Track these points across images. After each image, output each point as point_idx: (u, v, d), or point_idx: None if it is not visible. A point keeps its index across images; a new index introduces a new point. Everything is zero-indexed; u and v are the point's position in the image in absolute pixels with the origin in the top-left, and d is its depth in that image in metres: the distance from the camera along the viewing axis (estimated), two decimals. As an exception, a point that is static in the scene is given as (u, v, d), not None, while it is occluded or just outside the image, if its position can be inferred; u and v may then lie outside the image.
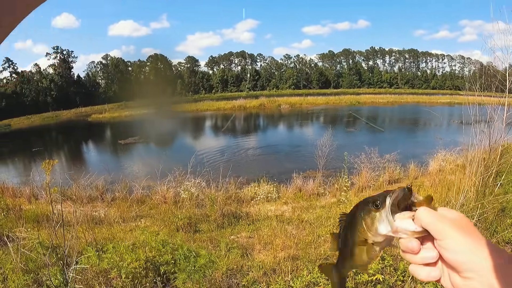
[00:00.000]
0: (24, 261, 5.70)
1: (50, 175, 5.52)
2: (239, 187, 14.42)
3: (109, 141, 42.93)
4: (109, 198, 14.45)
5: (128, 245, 5.96)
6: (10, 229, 8.78)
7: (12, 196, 15.60)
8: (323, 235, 8.03)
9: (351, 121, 47.11)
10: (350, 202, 10.49)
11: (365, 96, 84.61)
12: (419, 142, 29.75)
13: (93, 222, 10.13)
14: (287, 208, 12.40)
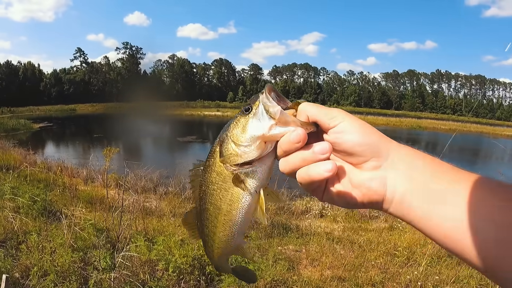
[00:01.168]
0: (74, 238, 5.75)
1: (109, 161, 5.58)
2: (292, 199, 14.19)
3: (168, 137, 43.74)
4: (162, 191, 14.66)
5: (177, 240, 5.91)
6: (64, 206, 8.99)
7: (69, 176, 16.30)
8: (372, 260, 7.72)
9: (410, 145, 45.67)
10: (403, 230, 10.05)
11: (427, 120, 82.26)
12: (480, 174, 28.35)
13: (144, 212, 10.23)
14: (337, 226, 12.11)
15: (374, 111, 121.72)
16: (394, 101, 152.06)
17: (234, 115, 0.90)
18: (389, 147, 0.78)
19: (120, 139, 41.47)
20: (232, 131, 0.85)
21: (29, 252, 5.61)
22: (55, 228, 6.75)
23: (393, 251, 8.18)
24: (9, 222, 7.03)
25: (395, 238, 9.36)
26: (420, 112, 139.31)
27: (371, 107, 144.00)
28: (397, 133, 59.56)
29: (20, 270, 5.22)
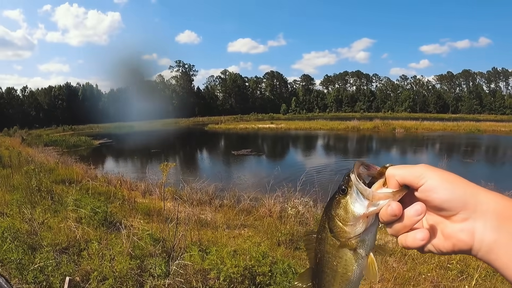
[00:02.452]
0: (132, 247, 6.05)
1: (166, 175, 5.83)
2: (345, 211, 14.08)
3: (223, 151, 44.44)
4: (217, 204, 15.02)
5: (230, 250, 6.07)
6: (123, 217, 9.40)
7: (128, 189, 17.15)
8: (424, 273, 7.58)
9: (469, 150, 44.33)
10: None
11: (486, 123, 78.48)
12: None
13: (199, 224, 10.48)
14: (391, 238, 11.86)
15: (430, 116, 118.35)
16: (451, 104, 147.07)
17: (333, 194, 0.99)
18: (476, 199, 0.83)
19: (177, 153, 42.56)
20: (337, 211, 0.95)
21: (90, 259, 6.00)
22: (115, 237, 7.12)
23: (446, 264, 8.00)
24: (72, 231, 7.49)
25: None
26: (478, 114, 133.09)
27: (427, 112, 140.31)
28: (455, 138, 57.63)
29: (81, 275, 5.59)
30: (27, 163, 19.19)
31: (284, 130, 70.82)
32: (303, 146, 51.58)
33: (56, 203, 11.26)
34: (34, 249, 6.35)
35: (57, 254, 6.24)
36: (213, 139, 59.17)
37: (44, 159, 25.48)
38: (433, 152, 43.25)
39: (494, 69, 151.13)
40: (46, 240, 6.79)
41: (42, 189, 12.18)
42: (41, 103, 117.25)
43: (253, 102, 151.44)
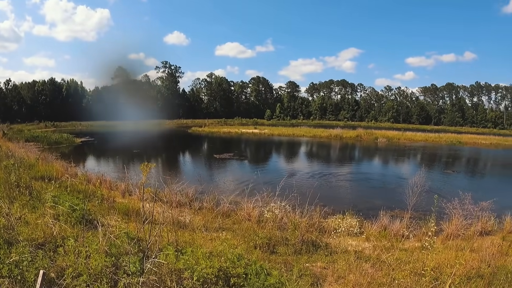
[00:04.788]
0: (108, 245, 6.10)
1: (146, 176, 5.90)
2: (324, 216, 14.20)
3: (205, 154, 44.35)
4: (197, 206, 15.15)
5: (205, 252, 6.16)
6: (101, 216, 9.43)
7: (108, 188, 17.23)
8: (398, 279, 7.73)
9: (450, 161, 45.01)
10: (434, 250, 9.96)
11: (467, 135, 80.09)
12: (521, 192, 27.59)
13: (177, 225, 10.55)
14: (368, 245, 12.10)
15: (412, 127, 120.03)
16: (433, 116, 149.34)
17: None
18: None
19: (159, 154, 42.40)
20: None
21: (66, 255, 6.04)
22: (92, 235, 7.16)
23: (420, 271, 8.15)
24: (49, 227, 7.53)
25: (424, 257, 9.32)
26: (460, 126, 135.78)
27: (410, 123, 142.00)
28: (437, 149, 58.45)
29: (56, 271, 5.63)
30: (7, 158, 19.02)
31: (267, 136, 71.11)
32: (285, 152, 51.84)
33: (34, 199, 11.25)
34: (10, 244, 6.37)
35: (33, 249, 6.27)
36: (196, 142, 59.05)
37: (25, 155, 25.24)
38: (415, 162, 43.78)
39: (478, 83, 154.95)
40: (23, 235, 6.82)
41: (21, 184, 12.15)
42: (24, 98, 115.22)
43: (238, 106, 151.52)
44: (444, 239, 13.38)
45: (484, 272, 8.65)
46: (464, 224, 14.13)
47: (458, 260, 8.28)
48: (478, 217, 14.73)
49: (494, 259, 9.69)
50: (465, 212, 14.44)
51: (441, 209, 13.98)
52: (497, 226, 15.04)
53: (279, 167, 35.65)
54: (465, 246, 11.71)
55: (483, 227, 14.59)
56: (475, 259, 9.84)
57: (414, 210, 14.80)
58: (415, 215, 15.07)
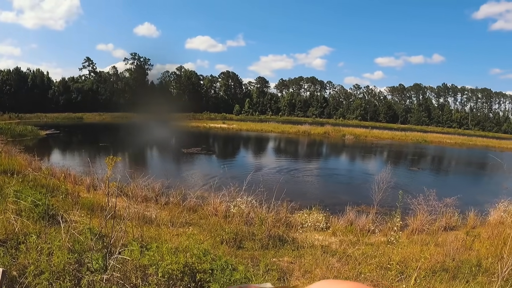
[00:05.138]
0: (72, 242, 5.99)
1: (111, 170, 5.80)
2: (290, 212, 14.29)
3: (173, 148, 43.98)
4: (163, 201, 14.96)
5: (171, 247, 6.11)
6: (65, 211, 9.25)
7: (73, 183, 16.79)
8: (365, 273, 7.85)
9: (415, 159, 45.97)
10: (399, 244, 10.18)
11: (432, 134, 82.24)
12: (483, 189, 28.49)
13: (143, 221, 10.44)
14: (335, 240, 12.23)
15: (380, 125, 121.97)
16: (400, 115, 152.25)
17: None
18: None
19: (126, 148, 41.77)
20: None
21: (28, 252, 5.86)
22: (55, 231, 6.99)
23: (386, 265, 8.29)
24: (11, 223, 7.31)
25: (390, 252, 9.47)
26: (426, 126, 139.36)
27: (377, 121, 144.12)
28: (403, 147, 59.56)
29: (18, 269, 5.48)
30: (-34, 150, 18.45)
31: (235, 131, 71.05)
32: (253, 147, 51.91)
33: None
34: (-31, 240, 6.20)
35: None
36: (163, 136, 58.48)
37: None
38: (381, 160, 44.48)
39: (444, 84, 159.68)
40: (-17, 232, 6.63)
41: (-18, 178, 11.81)
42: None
43: (207, 101, 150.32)
44: (409, 233, 13.68)
45: (448, 266, 8.88)
46: (428, 219, 14.50)
47: (423, 254, 8.47)
48: (443, 212, 15.17)
49: (458, 253, 9.97)
50: (429, 207, 14.81)
51: (407, 204, 14.26)
52: (461, 222, 15.51)
53: (246, 162, 35.69)
54: (430, 240, 11.97)
55: (447, 222, 15.00)
56: (439, 253, 10.09)
57: (380, 206, 15.07)
58: (381, 210, 15.35)
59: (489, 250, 10.53)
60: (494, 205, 16.78)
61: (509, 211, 16.00)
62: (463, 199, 17.13)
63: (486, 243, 11.61)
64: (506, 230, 12.78)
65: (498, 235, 12.17)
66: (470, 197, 21.08)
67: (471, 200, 19.00)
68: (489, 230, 13.48)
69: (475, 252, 10.63)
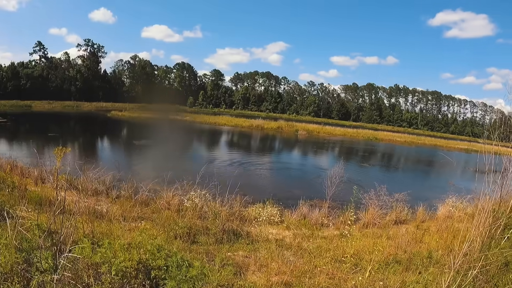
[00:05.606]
0: (19, 239, 5.69)
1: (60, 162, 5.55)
2: (244, 205, 14.30)
3: (124, 140, 43.13)
4: (114, 195, 14.51)
5: (124, 243, 5.91)
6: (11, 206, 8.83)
7: (20, 175, 15.94)
8: (320, 266, 7.92)
9: (366, 156, 47.03)
10: (353, 237, 10.37)
11: (383, 132, 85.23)
12: (431, 186, 29.72)
13: (94, 215, 10.12)
14: (289, 233, 12.30)
15: (332, 121, 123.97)
16: (353, 113, 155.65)
17: None
18: None
19: (76, 139, 40.63)
20: None
21: (-30, 252, 5.50)
22: (1, 229, 6.63)
23: (341, 258, 8.40)
24: (-47, 221, 6.88)
25: (344, 245, 9.61)
26: (377, 124, 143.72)
27: (330, 118, 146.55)
28: (354, 144, 60.76)
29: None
30: None
31: (189, 123, 70.31)
32: (206, 140, 51.69)
33: None
34: None
35: None
36: (115, 127, 57.26)
37: None
38: (333, 155, 45.29)
39: (396, 85, 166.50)
40: None
41: None
42: None
43: (161, 92, 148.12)
44: (361, 227, 14.00)
45: (401, 258, 9.10)
46: (380, 213, 14.96)
47: (376, 247, 8.67)
48: (393, 207, 15.67)
49: (410, 246, 10.24)
50: (381, 202, 15.29)
51: (358, 199, 14.51)
52: (411, 216, 16.11)
53: (199, 155, 35.50)
54: (382, 234, 12.27)
55: (398, 216, 15.51)
56: (392, 246, 10.33)
57: (332, 200, 15.37)
58: (333, 204, 15.68)
59: (439, 243, 10.91)
60: (442, 200, 17.51)
61: (456, 206, 16.68)
62: (413, 195, 17.69)
63: (435, 236, 12.05)
64: (454, 224, 13.27)
65: (447, 229, 12.63)
66: (419, 192, 21.92)
67: (420, 196, 19.76)
68: (438, 224, 13.98)
69: (426, 245, 10.96)
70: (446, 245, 10.23)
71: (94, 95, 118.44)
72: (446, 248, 9.71)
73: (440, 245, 10.69)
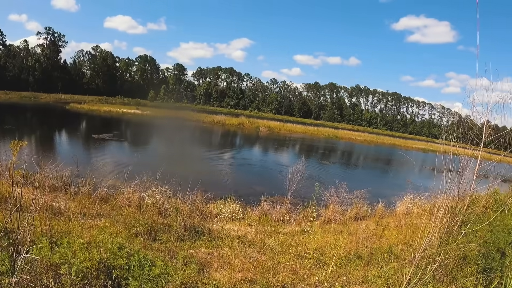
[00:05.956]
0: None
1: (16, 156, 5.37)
2: (205, 202, 14.31)
3: (83, 133, 42.09)
4: (73, 191, 14.04)
5: (83, 242, 5.76)
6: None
7: None
8: (283, 262, 7.97)
9: (326, 153, 47.65)
10: (314, 233, 10.49)
11: (344, 131, 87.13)
12: (390, 183, 30.53)
13: (52, 213, 9.84)
14: (251, 230, 12.33)
15: (293, 119, 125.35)
16: (314, 111, 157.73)
17: None
18: None
19: (33, 132, 39.38)
20: None
21: None
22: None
23: (303, 254, 8.48)
24: None
25: (306, 241, 9.71)
26: (338, 123, 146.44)
27: (291, 115, 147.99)
28: (315, 141, 61.44)
29: None
30: None
31: (149, 118, 69.41)
32: (166, 135, 51.05)
33: None
34: None
35: None
36: (73, 120, 55.78)
37: None
38: (294, 152, 45.64)
39: (358, 86, 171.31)
40: None
41: None
42: None
43: (121, 84, 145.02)
44: (322, 223, 14.22)
45: (362, 253, 9.29)
46: (340, 210, 15.28)
47: (338, 242, 8.78)
48: (353, 204, 16.00)
49: (370, 241, 10.46)
50: (341, 199, 15.60)
51: (319, 196, 14.66)
52: (370, 212, 16.56)
53: (160, 150, 35.12)
54: (342, 230, 12.50)
55: (358, 212, 15.89)
56: (353, 242, 10.54)
57: (293, 197, 15.53)
58: (294, 201, 15.81)
59: (398, 238, 11.22)
60: (400, 197, 18.00)
61: (415, 203, 17.19)
62: (372, 192, 18.12)
63: (395, 232, 12.39)
64: (412, 220, 13.66)
65: (406, 225, 12.99)
66: (378, 190, 22.40)
67: (379, 193, 20.23)
68: (397, 220, 14.38)
69: (386, 240, 11.25)
70: (405, 240, 10.50)
71: (53, 86, 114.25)
72: (405, 243, 9.97)
73: (399, 240, 10.99)
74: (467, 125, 8.44)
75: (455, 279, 7.21)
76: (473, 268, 7.54)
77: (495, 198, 12.39)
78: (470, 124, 8.52)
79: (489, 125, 8.36)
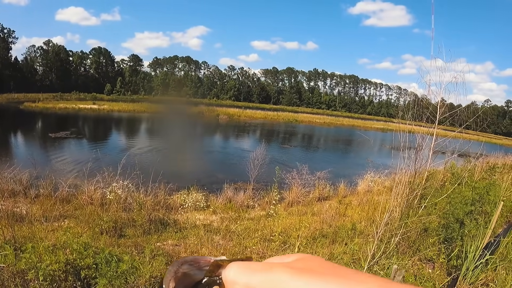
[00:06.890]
0: None
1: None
2: (169, 193, 14.27)
3: (39, 133, 40.89)
4: (33, 194, 13.66)
5: (48, 245, 5.71)
6: None
7: None
8: (250, 247, 8.08)
9: (287, 137, 48.08)
10: (278, 216, 10.66)
11: (303, 115, 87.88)
12: (350, 163, 31.15)
13: (13, 219, 9.62)
14: (216, 218, 12.42)
15: (253, 105, 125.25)
16: (273, 96, 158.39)
17: None
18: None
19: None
20: None
21: None
22: None
23: (269, 237, 8.61)
24: None
25: (271, 224, 9.85)
26: (297, 107, 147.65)
27: (250, 102, 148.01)
28: (275, 126, 61.83)
29: None
30: None
31: (107, 112, 68.09)
32: (125, 128, 50.38)
33: None
34: None
35: None
36: (29, 120, 54.06)
37: None
38: (254, 138, 45.83)
39: (315, 70, 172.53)
40: None
41: None
42: None
43: (76, 79, 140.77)
44: (286, 206, 14.47)
45: (327, 232, 9.54)
46: (303, 192, 15.59)
47: (303, 223, 8.98)
48: (315, 185, 16.31)
49: (334, 220, 10.77)
50: (303, 181, 15.89)
51: (282, 179, 14.86)
52: (333, 192, 17.01)
53: (119, 145, 34.49)
54: (306, 211, 12.75)
55: (321, 193, 16.26)
56: (317, 222, 10.80)
57: (256, 182, 15.75)
58: (257, 186, 16.02)
59: (361, 215, 11.57)
60: (361, 176, 18.45)
61: (375, 181, 17.67)
62: (334, 172, 18.55)
63: (357, 209, 12.75)
64: (374, 197, 14.07)
65: (368, 202, 13.39)
66: (340, 170, 22.88)
67: (341, 173, 20.67)
68: (359, 198, 14.81)
69: (349, 218, 11.58)
70: (368, 216, 10.84)
71: (5, 86, 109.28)
72: (368, 220, 10.29)
73: (362, 217, 11.33)
74: (423, 104, 8.73)
75: (418, 250, 7.52)
76: (434, 238, 7.88)
77: (452, 171, 12.91)
78: (426, 103, 8.81)
79: (444, 103, 8.68)
